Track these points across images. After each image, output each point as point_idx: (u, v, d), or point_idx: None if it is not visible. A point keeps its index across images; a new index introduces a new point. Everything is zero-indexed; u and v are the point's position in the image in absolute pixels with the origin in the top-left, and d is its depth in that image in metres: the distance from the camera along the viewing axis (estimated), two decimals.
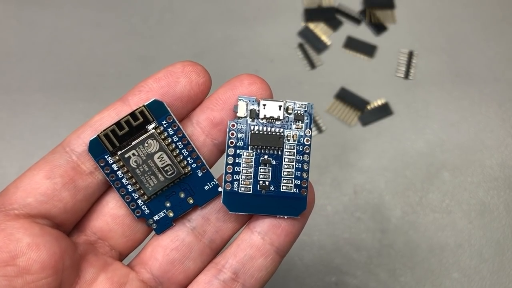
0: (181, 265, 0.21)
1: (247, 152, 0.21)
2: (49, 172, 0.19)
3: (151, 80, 0.20)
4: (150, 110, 0.20)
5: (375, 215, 0.39)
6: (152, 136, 0.20)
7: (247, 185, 0.21)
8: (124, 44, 0.44)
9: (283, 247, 0.21)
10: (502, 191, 0.39)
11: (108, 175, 0.20)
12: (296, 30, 0.45)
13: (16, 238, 0.18)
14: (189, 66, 0.20)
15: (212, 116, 0.21)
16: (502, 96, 0.42)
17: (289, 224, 0.21)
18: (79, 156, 0.20)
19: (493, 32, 0.45)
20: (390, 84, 0.43)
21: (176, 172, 0.21)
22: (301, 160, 0.21)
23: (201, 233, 0.22)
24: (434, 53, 0.44)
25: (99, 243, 0.21)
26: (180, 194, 0.21)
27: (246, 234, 0.21)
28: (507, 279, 0.37)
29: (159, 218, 0.21)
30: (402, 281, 0.37)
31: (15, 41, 0.44)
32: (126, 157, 0.20)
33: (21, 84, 0.42)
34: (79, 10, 0.45)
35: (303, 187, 0.21)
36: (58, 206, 0.19)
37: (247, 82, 0.21)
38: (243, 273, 0.21)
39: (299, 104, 0.21)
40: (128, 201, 0.21)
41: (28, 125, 0.41)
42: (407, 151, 0.41)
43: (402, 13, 0.46)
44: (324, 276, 0.37)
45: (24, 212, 0.19)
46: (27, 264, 0.18)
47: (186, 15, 0.45)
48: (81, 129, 0.20)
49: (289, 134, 0.21)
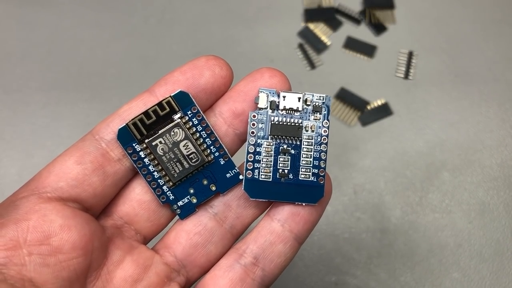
0: (203, 249, 0.22)
1: (267, 142, 0.22)
2: (80, 158, 0.20)
3: (177, 72, 0.21)
4: (176, 100, 0.21)
5: (375, 215, 0.39)
6: (178, 125, 0.21)
7: (267, 173, 0.22)
8: (124, 44, 0.44)
9: (302, 234, 0.22)
10: (502, 191, 0.39)
11: (135, 162, 0.21)
12: (296, 30, 0.45)
13: (50, 219, 0.19)
14: (213, 60, 0.21)
15: (234, 107, 0.22)
16: (502, 96, 0.42)
17: (308, 212, 0.22)
18: (108, 144, 0.21)
19: (493, 32, 0.45)
20: (390, 84, 0.43)
21: (200, 159, 0.21)
22: (319, 150, 0.22)
23: (223, 218, 0.22)
24: (433, 53, 0.44)
25: (125, 227, 0.22)
26: (203, 181, 0.22)
27: (266, 221, 0.22)
28: (507, 279, 0.37)
29: (183, 204, 0.22)
30: (402, 281, 0.37)
31: (15, 41, 0.44)
32: (153, 145, 0.21)
33: (21, 84, 0.42)
34: (79, 10, 0.45)
35: (320, 176, 0.22)
36: (88, 191, 0.20)
37: (267, 75, 0.22)
38: (263, 258, 0.22)
39: (317, 96, 0.22)
40: (154, 187, 0.22)
41: (28, 125, 0.41)
42: (407, 151, 0.41)
43: (402, 13, 0.46)
44: (324, 276, 0.37)
45: (56, 196, 0.20)
46: (59, 244, 0.19)
47: (186, 15, 0.45)
48: (110, 118, 0.21)
49: (308, 124, 0.22)
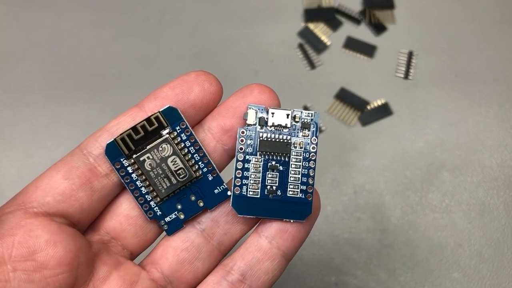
0: (191, 265, 0.22)
1: (256, 158, 0.22)
2: (67, 173, 0.20)
3: (166, 88, 0.21)
4: (164, 116, 0.21)
5: (375, 215, 0.39)
6: (166, 140, 0.21)
7: (255, 189, 0.22)
8: (124, 44, 0.44)
9: (289, 251, 0.22)
10: (501, 191, 0.39)
11: (123, 177, 0.21)
12: (296, 30, 0.45)
13: (35, 235, 0.19)
14: (203, 75, 0.21)
15: (223, 123, 0.22)
16: (502, 96, 0.42)
17: (296, 229, 0.22)
18: (96, 159, 0.21)
19: (493, 32, 0.45)
20: (390, 84, 0.43)
21: (188, 175, 0.21)
22: (307, 166, 0.22)
23: (210, 235, 0.22)
24: (433, 53, 0.44)
25: (112, 242, 0.22)
26: (191, 197, 0.22)
27: (254, 238, 0.22)
28: (507, 279, 0.37)
29: (171, 219, 0.22)
30: (402, 281, 0.37)
31: (15, 41, 0.44)
32: (141, 160, 0.21)
33: (21, 84, 0.42)
34: (79, 10, 0.45)
35: (308, 192, 0.22)
36: (75, 206, 0.20)
37: (256, 91, 0.22)
38: (250, 275, 0.22)
39: (306, 113, 0.22)
40: (142, 202, 0.22)
41: (28, 125, 0.41)
42: (407, 151, 0.41)
43: (402, 13, 0.46)
44: (324, 276, 0.37)
45: (42, 211, 0.20)
46: (45, 259, 0.19)
47: (186, 15, 0.45)
48: (98, 133, 0.21)
49: (296, 141, 0.22)
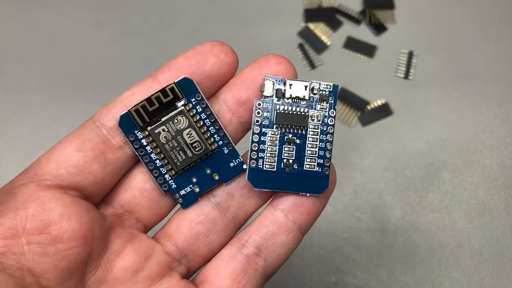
0: (205, 238, 0.22)
1: (272, 131, 0.21)
2: (80, 145, 0.20)
3: (181, 58, 0.21)
4: (180, 87, 0.20)
5: (375, 215, 0.39)
6: (182, 112, 0.21)
7: (272, 162, 0.21)
8: (124, 44, 0.44)
9: (305, 224, 0.22)
10: (502, 191, 0.39)
11: (137, 150, 0.21)
12: (296, 30, 0.45)
13: (49, 208, 0.19)
14: (218, 45, 0.21)
15: (238, 94, 0.21)
16: (502, 96, 0.42)
17: (311, 202, 0.21)
18: (109, 131, 0.20)
19: (493, 32, 0.45)
20: (390, 84, 0.43)
21: (204, 148, 0.21)
22: (325, 139, 0.22)
23: (225, 208, 0.22)
24: (434, 53, 0.44)
25: (126, 215, 0.21)
26: (206, 170, 0.22)
27: (269, 211, 0.22)
28: (507, 279, 0.37)
29: (186, 193, 0.22)
30: (402, 281, 0.37)
31: (15, 41, 0.44)
32: (156, 133, 0.20)
33: (21, 84, 0.42)
34: (79, 10, 0.45)
35: (325, 166, 0.21)
36: (88, 178, 0.20)
37: (273, 62, 0.21)
38: (265, 249, 0.21)
39: (324, 85, 0.21)
40: (156, 175, 0.21)
41: (28, 125, 0.41)
42: (407, 151, 0.41)
43: (402, 13, 0.46)
44: (324, 276, 0.37)
45: (55, 183, 0.19)
46: (59, 233, 0.18)
47: (186, 15, 0.45)
48: (111, 104, 0.20)
49: (314, 114, 0.21)
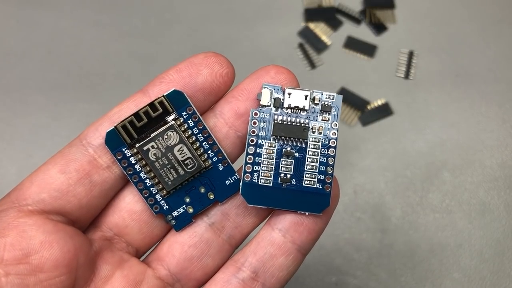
0: (199, 262, 0.21)
1: (269, 143, 0.20)
2: (64, 167, 0.19)
3: (172, 71, 0.20)
4: (169, 100, 0.19)
5: (375, 215, 0.38)
6: (172, 127, 0.19)
7: (268, 177, 0.20)
8: (124, 44, 0.44)
9: (305, 245, 0.20)
10: (502, 191, 0.39)
11: (125, 168, 0.19)
12: (296, 30, 0.45)
13: (29, 236, 0.18)
14: (212, 57, 0.20)
15: (236, 106, 0.20)
16: (502, 96, 0.42)
17: (312, 221, 0.20)
18: (96, 150, 0.19)
19: (493, 32, 0.45)
20: (390, 84, 0.43)
21: (197, 165, 0.20)
22: (326, 154, 0.20)
23: (220, 228, 0.21)
24: (434, 53, 0.44)
25: (116, 239, 0.20)
26: (200, 189, 0.20)
27: (266, 231, 0.20)
28: (507, 279, 0.37)
29: (179, 214, 0.20)
30: (402, 281, 0.37)
31: (15, 41, 0.44)
32: (144, 150, 0.19)
33: (21, 84, 0.42)
34: (79, 10, 0.45)
35: (327, 183, 0.20)
36: (72, 202, 0.19)
37: (273, 72, 0.20)
38: (263, 272, 0.20)
39: (326, 95, 0.20)
40: (146, 196, 0.20)
41: (28, 125, 0.41)
42: (407, 151, 0.41)
43: (402, 13, 0.46)
44: (324, 276, 0.37)
45: (38, 208, 0.18)
46: (40, 262, 0.18)
47: (186, 15, 0.45)
48: (99, 121, 0.20)
49: (315, 125, 0.20)
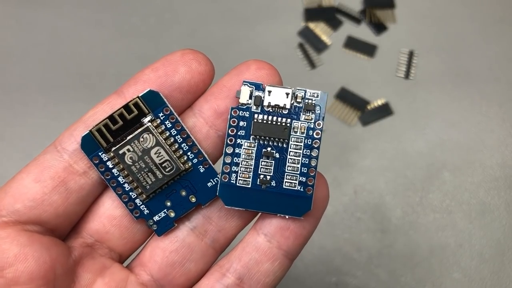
0: (182, 267, 0.20)
1: (248, 143, 0.19)
2: (39, 175, 0.18)
3: (148, 70, 0.19)
4: (145, 101, 0.19)
5: (375, 215, 0.38)
6: (148, 129, 0.19)
7: (246, 178, 0.19)
8: (124, 44, 0.44)
9: (292, 250, 0.20)
10: (502, 191, 0.39)
11: (103, 173, 0.19)
12: (296, 30, 0.45)
13: (3, 249, 0.17)
14: (190, 54, 0.19)
15: (215, 105, 0.19)
16: (503, 96, 0.42)
17: (299, 225, 0.19)
18: (71, 155, 0.19)
19: (494, 32, 0.45)
20: (391, 84, 0.43)
21: (175, 168, 0.19)
22: (309, 155, 0.19)
23: (203, 233, 0.20)
24: (434, 53, 0.44)
25: (97, 245, 0.20)
26: (181, 192, 0.20)
27: (251, 236, 0.20)
28: (507, 279, 0.37)
29: (160, 218, 0.20)
30: (402, 281, 0.37)
31: (15, 41, 0.44)
32: (120, 154, 0.19)
33: (21, 84, 0.42)
34: (78, 10, 0.45)
35: (308, 185, 0.19)
36: (48, 211, 0.18)
37: (254, 67, 0.19)
38: (248, 278, 0.20)
39: (310, 93, 0.19)
40: (126, 200, 0.19)
41: (28, 125, 0.41)
42: (407, 151, 0.40)
43: (403, 13, 0.45)
44: (324, 276, 0.37)
45: (13, 219, 0.18)
46: (14, 275, 0.17)
47: (186, 15, 0.45)
48: (74, 126, 0.19)
49: (297, 125, 0.19)
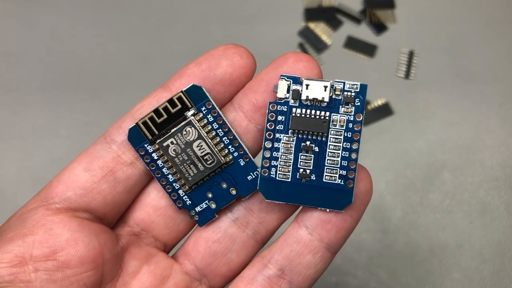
0: (224, 257, 0.21)
1: (287, 137, 0.19)
2: (89, 164, 0.19)
3: (192, 64, 0.20)
4: (188, 95, 0.19)
5: (375, 215, 0.38)
6: (190, 123, 0.19)
7: (286, 172, 0.19)
8: (124, 44, 0.44)
9: (334, 243, 0.20)
10: (502, 191, 0.39)
11: (148, 164, 0.20)
12: (296, 30, 0.45)
13: (56, 233, 0.18)
14: (232, 48, 0.19)
15: (254, 99, 0.20)
16: (503, 96, 0.42)
17: (340, 219, 0.19)
18: (120, 146, 0.20)
19: (494, 32, 0.45)
20: (391, 84, 0.43)
21: (216, 161, 0.20)
22: (349, 148, 0.19)
23: (244, 224, 0.21)
24: (434, 53, 0.44)
25: (143, 234, 0.21)
26: (222, 185, 0.20)
27: (293, 228, 0.20)
28: (507, 279, 0.37)
29: (201, 209, 0.20)
30: (402, 282, 0.37)
31: (15, 41, 0.44)
32: (164, 146, 0.20)
33: (21, 84, 0.42)
34: (78, 10, 0.45)
35: (349, 179, 0.19)
36: (97, 199, 0.19)
37: (291, 60, 0.19)
38: (289, 270, 0.20)
39: (349, 85, 0.19)
40: (170, 191, 0.20)
41: (28, 125, 0.41)
42: (407, 151, 0.40)
43: (403, 12, 0.45)
44: (324, 276, 0.37)
45: (65, 206, 0.19)
46: (66, 258, 0.18)
47: (186, 15, 0.45)
48: (122, 118, 0.20)
49: (336, 118, 0.19)
